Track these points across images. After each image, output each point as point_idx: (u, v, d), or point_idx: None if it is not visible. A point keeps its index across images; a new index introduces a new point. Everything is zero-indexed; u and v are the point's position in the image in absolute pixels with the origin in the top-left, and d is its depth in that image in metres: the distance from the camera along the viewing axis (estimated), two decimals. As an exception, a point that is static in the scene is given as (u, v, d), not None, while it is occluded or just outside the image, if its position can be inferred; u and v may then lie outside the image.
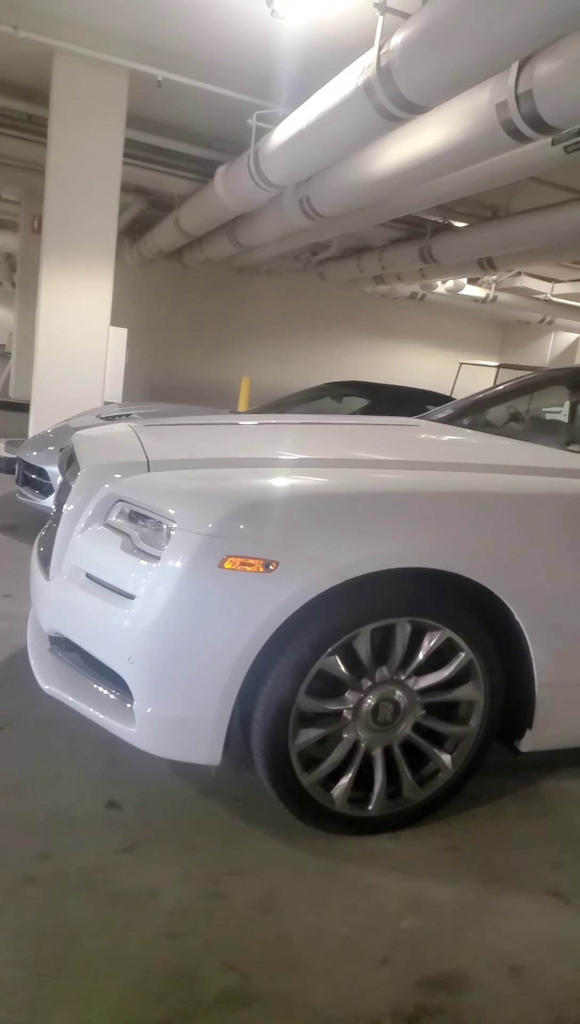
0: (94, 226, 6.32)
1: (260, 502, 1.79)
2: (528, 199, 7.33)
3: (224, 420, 3.12)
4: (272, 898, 1.74)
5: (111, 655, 1.88)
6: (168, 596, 1.76)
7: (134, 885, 1.73)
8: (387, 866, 1.89)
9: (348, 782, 1.93)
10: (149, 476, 2.04)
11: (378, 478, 1.94)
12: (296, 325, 13.93)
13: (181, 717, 1.82)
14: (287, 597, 1.76)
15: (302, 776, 1.88)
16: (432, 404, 5.24)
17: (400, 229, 8.41)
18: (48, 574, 2.13)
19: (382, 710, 1.94)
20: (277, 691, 1.81)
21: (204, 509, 1.79)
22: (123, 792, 2.07)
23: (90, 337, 6.46)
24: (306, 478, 1.91)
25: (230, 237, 8.67)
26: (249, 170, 5.69)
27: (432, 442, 2.51)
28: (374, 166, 4.96)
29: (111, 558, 1.95)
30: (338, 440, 2.48)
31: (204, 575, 1.75)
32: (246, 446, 2.32)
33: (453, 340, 14.87)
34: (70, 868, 1.77)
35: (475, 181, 5.20)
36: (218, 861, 1.84)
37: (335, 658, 1.86)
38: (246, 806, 2.06)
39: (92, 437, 2.43)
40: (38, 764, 2.17)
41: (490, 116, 3.75)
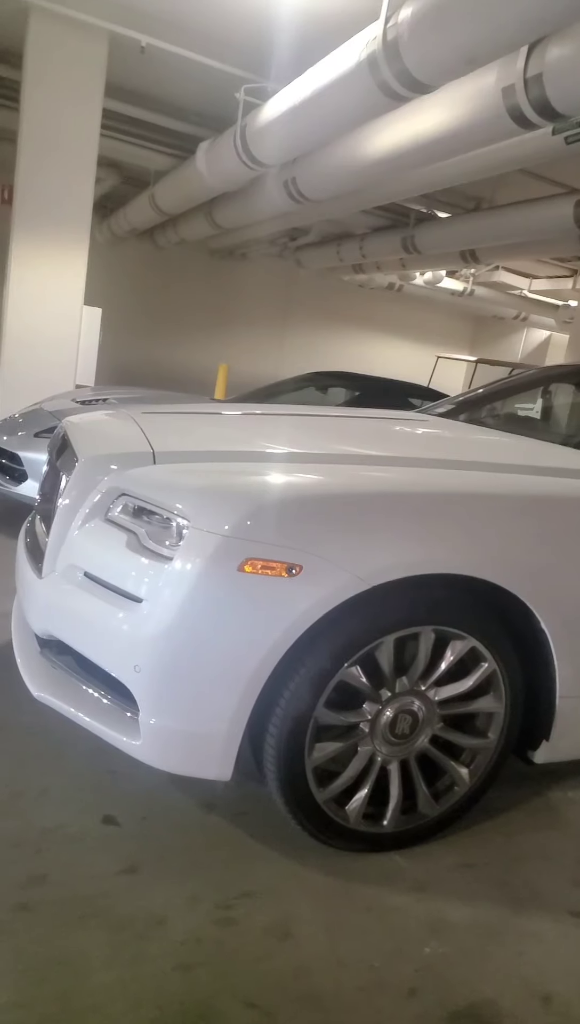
0: (68, 198, 6.03)
1: (283, 501, 1.66)
2: (513, 192, 7.26)
3: (218, 409, 2.98)
4: (287, 923, 1.63)
5: (114, 662, 1.74)
6: (181, 601, 1.63)
7: (139, 911, 1.61)
8: (403, 886, 1.80)
9: (364, 798, 1.83)
10: (156, 469, 1.90)
11: (406, 477, 1.83)
12: (269, 313, 13.69)
13: (191, 731, 1.69)
14: (311, 604, 1.64)
15: (317, 793, 1.77)
16: (418, 397, 5.17)
17: (383, 217, 8.26)
18: (40, 571, 1.97)
19: (400, 722, 1.84)
20: (295, 704, 1.69)
21: (223, 508, 1.65)
22: (120, 806, 1.94)
23: (62, 316, 6.19)
24: (330, 476, 1.79)
25: (208, 217, 8.41)
26: (235, 147, 5.48)
27: (452, 440, 2.41)
28: (367, 148, 4.81)
29: (114, 557, 1.80)
30: (351, 435, 2.36)
31: (221, 579, 1.62)
32: (255, 438, 2.19)
33: (425, 333, 14.82)
34: (69, 893, 1.63)
35: (468, 169, 5.09)
36: (227, 882, 1.73)
37: (356, 668, 1.75)
38: (251, 821, 1.95)
39: (88, 424, 2.27)
40: (27, 776, 2.02)
41: (495, 100, 3.64)
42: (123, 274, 12.19)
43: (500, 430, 2.58)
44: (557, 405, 3.11)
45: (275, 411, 2.70)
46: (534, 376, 3.24)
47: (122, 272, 12.16)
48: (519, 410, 3.08)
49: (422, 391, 5.35)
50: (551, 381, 3.23)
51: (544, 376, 3.26)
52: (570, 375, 3.16)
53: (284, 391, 5.39)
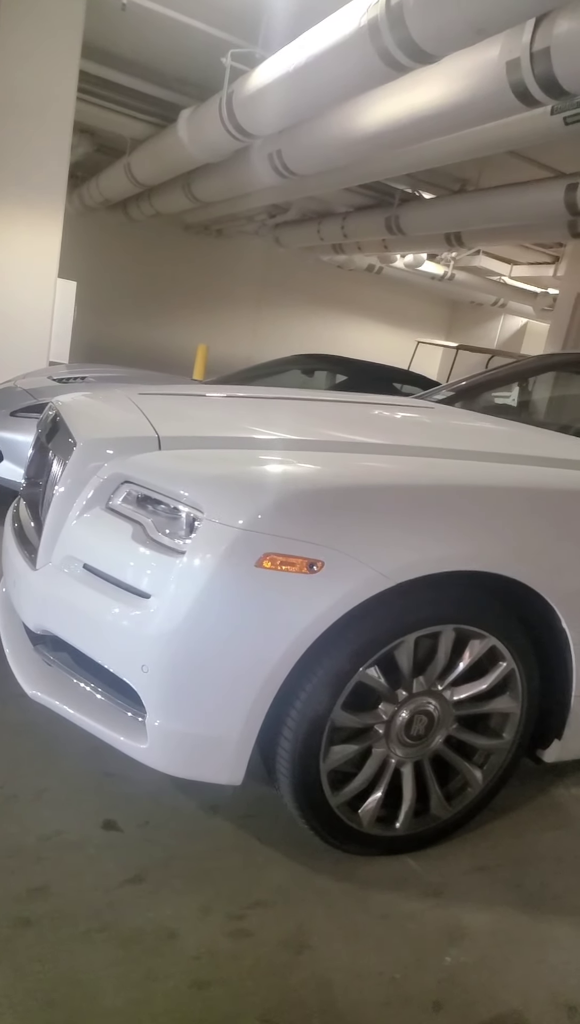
0: (42, 164, 5.77)
1: (304, 493, 1.56)
2: (499, 174, 7.17)
3: (203, 391, 2.84)
4: (303, 934, 1.56)
5: (119, 662, 1.63)
6: (193, 597, 1.53)
7: (148, 924, 1.52)
8: (417, 891, 1.74)
9: (378, 801, 1.77)
10: (162, 455, 1.78)
11: (431, 469, 1.74)
12: (244, 292, 13.43)
13: (201, 734, 1.59)
14: (332, 602, 1.55)
15: (331, 797, 1.70)
16: (404, 383, 5.09)
17: (366, 196, 8.09)
18: (34, 562, 1.85)
19: (416, 723, 1.77)
20: (311, 706, 1.61)
21: (240, 499, 1.55)
22: (120, 810, 1.85)
23: (35, 289, 5.94)
24: (350, 466, 1.69)
25: (185, 190, 8.16)
26: (220, 115, 5.27)
27: (468, 429, 2.32)
28: (359, 121, 4.66)
29: (117, 549, 1.69)
30: (361, 422, 2.26)
31: (237, 575, 1.52)
32: (264, 424, 2.08)
33: (402, 318, 14.70)
34: (72, 906, 1.54)
35: (461, 148, 4.98)
36: (238, 891, 1.65)
37: (374, 669, 1.68)
38: (259, 824, 1.87)
39: (83, 405, 2.13)
40: (20, 778, 1.91)
41: (498, 75, 3.53)
42: (93, 247, 11.82)
43: (511, 420, 2.50)
44: (570, 395, 3.05)
45: (275, 395, 2.59)
46: (536, 364, 3.18)
47: (92, 245, 11.78)
48: (527, 399, 3.01)
49: (408, 376, 5.27)
50: (553, 369, 3.17)
51: (546, 364, 3.20)
52: (575, 363, 3.10)
53: (268, 373, 5.25)
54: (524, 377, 3.35)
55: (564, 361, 3.23)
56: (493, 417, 2.54)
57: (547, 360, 3.37)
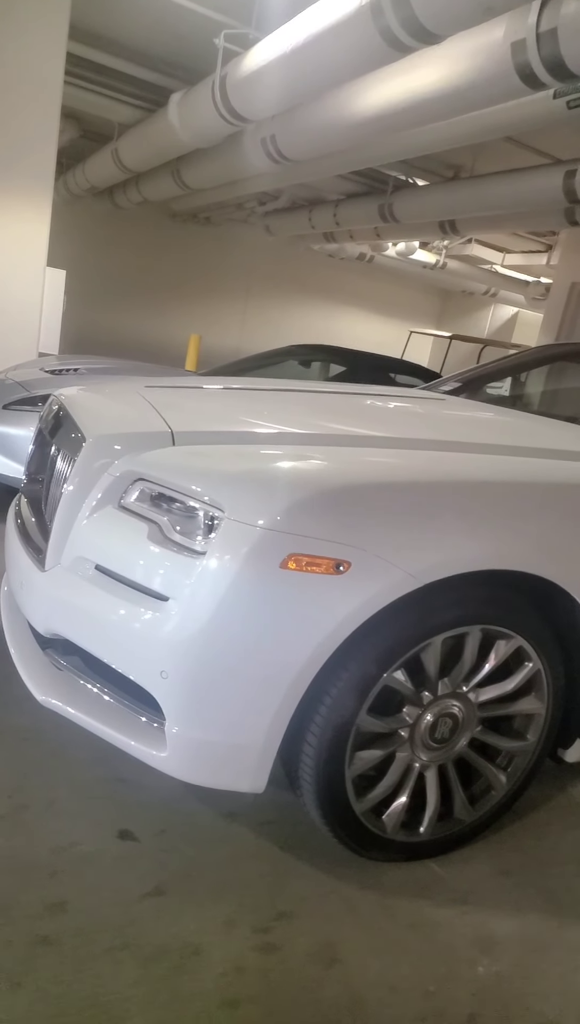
0: (30, 149, 5.64)
1: (331, 490, 1.50)
2: (493, 160, 7.08)
3: (200, 383, 2.76)
4: (332, 947, 1.51)
5: (137, 667, 1.57)
6: (216, 600, 1.46)
7: (172, 940, 1.47)
8: (444, 898, 1.70)
9: (402, 806, 1.72)
10: (176, 451, 1.71)
11: (458, 464, 1.68)
12: (232, 282, 13.25)
13: (223, 742, 1.54)
14: (359, 604, 1.49)
15: (355, 804, 1.65)
16: (402, 373, 5.02)
17: (358, 183, 7.96)
18: (43, 563, 1.78)
19: (440, 726, 1.72)
20: (337, 711, 1.56)
21: (263, 497, 1.48)
22: (135, 819, 1.79)
23: (24, 278, 5.81)
24: (375, 461, 1.63)
25: (175, 176, 8.01)
26: (213, 99, 5.14)
27: (489, 422, 2.26)
28: (357, 105, 4.56)
29: (131, 549, 1.62)
30: (378, 415, 2.20)
31: (261, 576, 1.46)
32: (279, 418, 2.01)
33: (393, 307, 14.58)
34: (92, 922, 1.48)
35: (460, 133, 4.88)
36: (262, 902, 1.60)
37: (401, 672, 1.62)
38: (278, 831, 1.82)
39: (90, 399, 2.05)
40: (29, 787, 1.84)
41: (503, 56, 3.44)
42: (78, 235, 11.63)
43: (528, 412, 2.44)
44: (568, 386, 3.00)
45: (284, 387, 2.52)
46: (543, 354, 3.12)
47: (77, 233, 11.59)
48: (539, 391, 2.96)
49: (407, 366, 5.21)
50: (561, 359, 3.12)
51: (553, 354, 3.14)
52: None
53: (264, 364, 5.17)
54: (531, 367, 3.30)
55: (573, 352, 3.17)
56: (507, 409, 2.48)
57: (554, 350, 3.32)
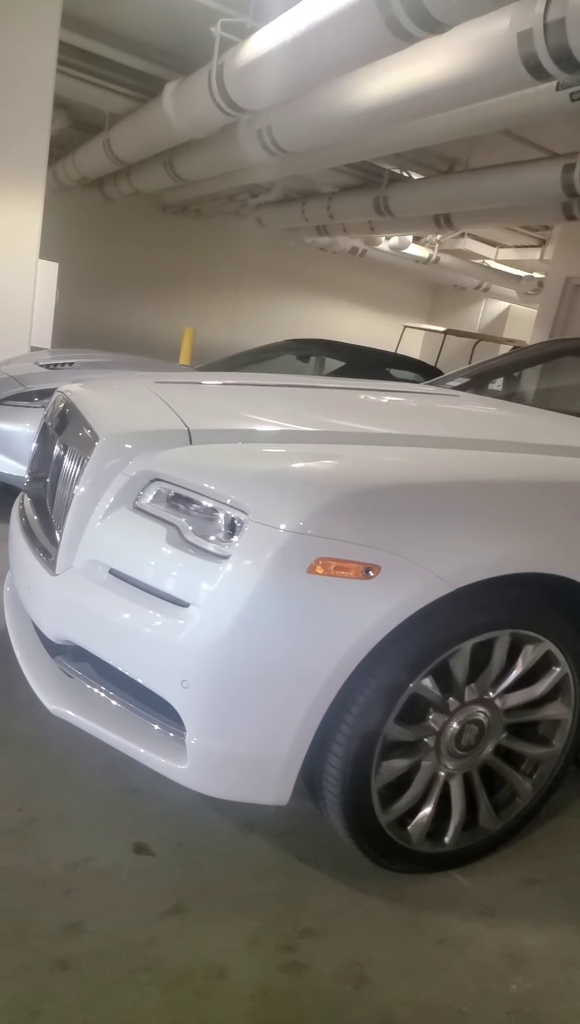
0: (22, 138, 5.51)
1: (361, 491, 1.44)
2: (489, 153, 7.03)
3: (199, 379, 2.68)
4: (360, 965, 1.46)
5: (155, 676, 1.50)
6: (240, 607, 1.40)
7: (195, 961, 1.41)
8: (471, 911, 1.65)
9: (428, 816, 1.66)
10: (195, 450, 1.64)
11: (487, 463, 1.62)
12: (223, 275, 13.13)
13: (247, 753, 1.47)
14: (389, 609, 1.44)
15: (381, 815, 1.59)
16: (405, 369, 4.97)
17: (353, 176, 7.88)
18: (53, 567, 1.71)
19: (466, 733, 1.67)
20: (364, 720, 1.50)
21: (290, 499, 1.42)
22: (150, 831, 1.72)
23: (15, 270, 5.70)
24: (403, 461, 1.57)
25: (167, 168, 7.89)
26: (209, 89, 5.05)
27: (509, 420, 2.21)
28: (357, 96, 4.49)
29: (148, 553, 1.56)
30: (397, 412, 2.13)
31: (288, 581, 1.40)
32: (296, 415, 1.95)
33: (384, 302, 14.51)
34: (111, 943, 1.41)
35: (460, 125, 4.82)
36: (285, 918, 1.54)
37: (429, 679, 1.57)
38: (296, 842, 1.76)
39: (100, 395, 1.98)
40: (38, 799, 1.77)
41: (509, 47, 3.38)
42: (67, 227, 11.45)
43: (549, 409, 2.39)
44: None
45: (297, 383, 2.45)
46: (552, 349, 3.08)
47: (66, 225, 11.41)
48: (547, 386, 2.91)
49: (406, 361, 5.15)
50: (570, 354, 3.07)
51: (567, 349, 3.09)
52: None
53: (261, 359, 5.10)
54: (538, 363, 3.25)
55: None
56: (523, 406, 2.43)
57: (563, 345, 3.27)
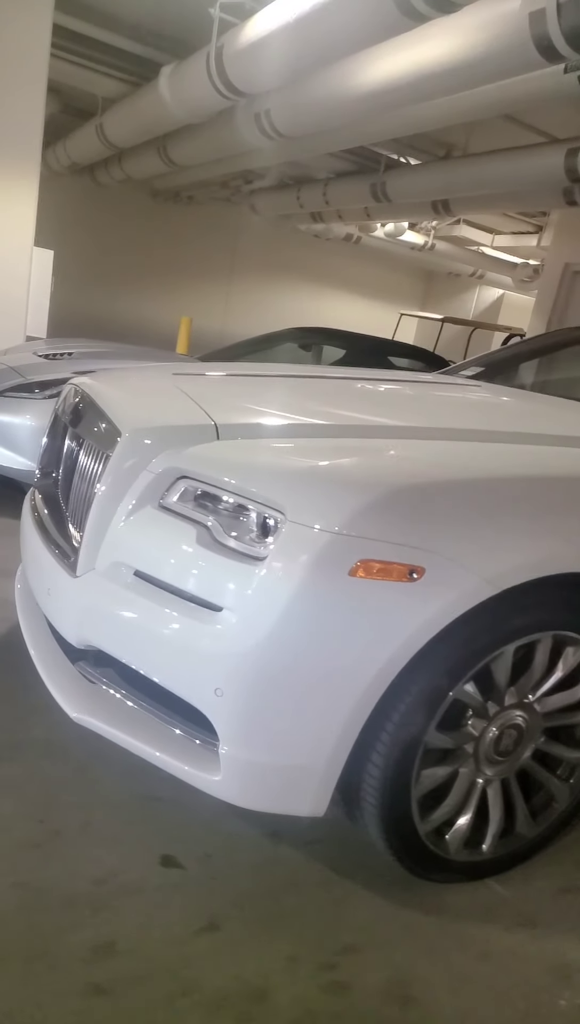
0: (16, 122, 5.37)
1: (404, 489, 1.37)
2: (488, 138, 6.93)
3: (202, 370, 2.59)
4: (404, 983, 1.40)
5: (186, 684, 1.44)
6: (278, 611, 1.33)
7: (233, 983, 1.35)
8: (511, 921, 1.59)
9: (466, 825, 1.61)
10: (224, 446, 1.57)
11: (531, 458, 1.56)
12: (215, 263, 12.96)
13: (283, 764, 1.41)
14: (433, 614, 1.37)
15: (420, 825, 1.53)
16: (409, 357, 4.90)
17: (349, 161, 7.76)
18: (74, 569, 1.63)
19: (505, 738, 1.61)
20: (405, 728, 1.44)
21: (330, 498, 1.35)
22: (176, 842, 1.66)
23: (10, 258, 5.57)
24: (447, 456, 1.50)
25: (161, 153, 7.74)
26: (208, 71, 4.92)
27: (538, 411, 2.14)
28: (360, 79, 4.38)
29: (176, 554, 1.48)
30: (423, 403, 2.06)
31: (328, 585, 1.33)
32: (321, 409, 1.87)
33: (377, 289, 14.39)
34: (146, 965, 1.35)
35: (463, 109, 4.71)
36: (323, 934, 1.48)
37: (471, 683, 1.51)
38: (327, 851, 1.70)
39: (118, 388, 1.89)
40: (59, 809, 1.70)
41: (520, 28, 3.30)
42: (57, 213, 11.25)
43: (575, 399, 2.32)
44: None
45: (314, 374, 2.37)
46: (566, 337, 3.01)
47: (56, 211, 11.21)
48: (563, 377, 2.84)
49: (411, 350, 5.08)
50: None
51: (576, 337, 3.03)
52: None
53: (263, 348, 5.01)
54: (553, 351, 3.19)
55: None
56: (552, 397, 2.36)
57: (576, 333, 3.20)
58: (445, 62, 3.86)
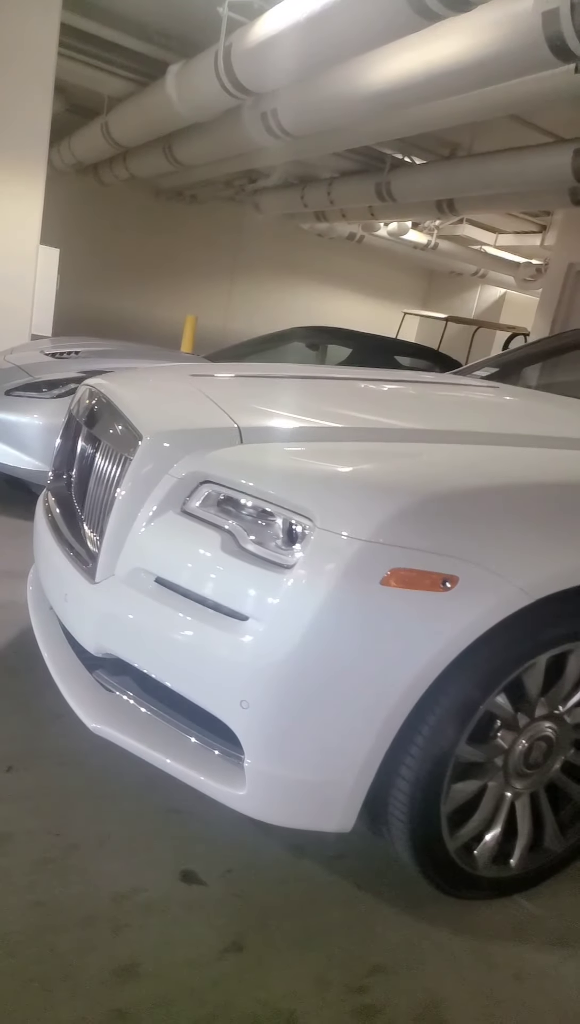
0: (23, 121, 5.33)
1: (438, 496, 1.33)
2: (493, 138, 6.89)
3: (212, 371, 2.55)
4: (436, 1007, 1.36)
5: (211, 695, 1.39)
6: (307, 621, 1.29)
7: (263, 1007, 1.30)
8: (542, 940, 1.55)
9: (495, 840, 1.56)
10: (247, 450, 1.52)
11: (563, 463, 1.51)
12: (217, 261, 12.92)
13: (311, 779, 1.37)
14: (467, 624, 1.33)
15: (449, 841, 1.49)
16: (416, 357, 4.86)
17: (354, 160, 7.72)
18: (92, 575, 1.58)
19: (535, 750, 1.57)
20: (436, 741, 1.39)
21: (362, 505, 1.31)
22: (196, 857, 1.61)
23: (16, 256, 5.53)
24: (479, 462, 1.46)
25: (166, 152, 7.70)
26: (216, 70, 4.88)
27: (564, 414, 2.09)
28: (369, 78, 4.34)
29: (199, 561, 1.44)
30: (448, 406, 2.02)
31: (360, 594, 1.29)
32: (346, 411, 1.82)
33: (377, 288, 14.34)
34: (171, 988, 1.30)
35: (470, 108, 4.67)
36: (351, 954, 1.43)
37: (502, 695, 1.46)
38: (350, 866, 1.66)
39: (136, 390, 1.84)
40: (75, 822, 1.66)
41: (533, 27, 3.26)
42: (61, 212, 11.21)
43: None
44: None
45: (331, 375, 2.33)
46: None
47: (60, 210, 11.16)
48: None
49: (418, 349, 5.04)
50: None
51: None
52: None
53: (269, 347, 4.96)
54: (566, 352, 3.15)
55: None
56: (568, 398, 2.31)
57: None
58: (456, 61, 3.81)
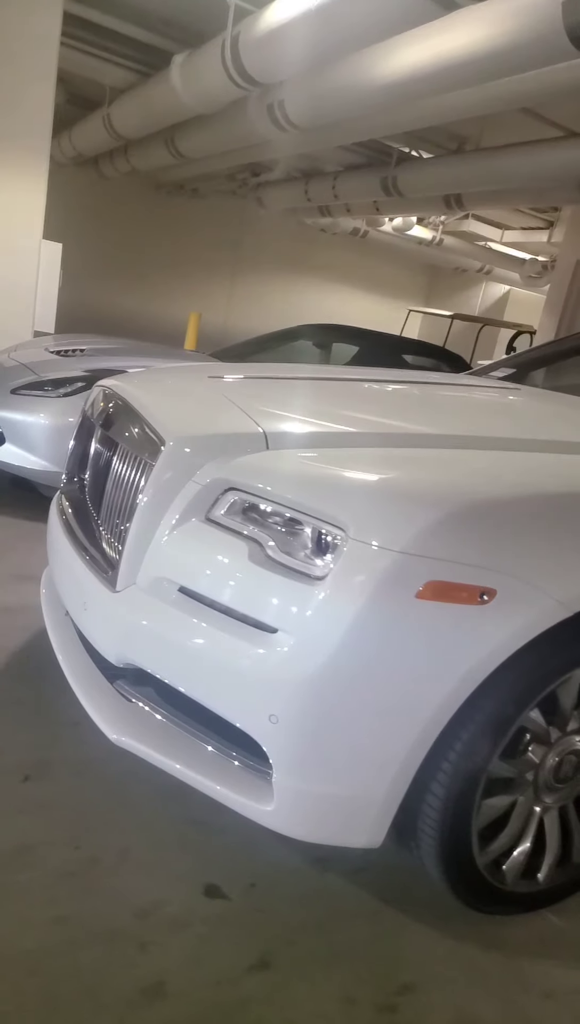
0: (25, 113, 5.26)
1: (476, 506, 1.29)
2: (502, 132, 6.83)
3: (220, 373, 2.51)
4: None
5: (238, 709, 1.36)
6: (340, 634, 1.25)
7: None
8: (571, 955, 1.52)
9: (524, 855, 1.54)
10: (274, 456, 1.48)
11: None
12: (218, 256, 12.83)
13: (341, 795, 1.34)
14: (504, 638, 1.29)
15: (479, 857, 1.46)
16: (424, 355, 4.81)
17: (359, 154, 7.65)
18: (114, 583, 1.55)
19: (565, 764, 1.54)
20: (469, 758, 1.36)
21: (397, 515, 1.27)
22: (219, 870, 1.58)
23: (18, 252, 5.46)
24: (514, 468, 1.42)
25: (169, 145, 7.61)
26: (223, 60, 4.81)
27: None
28: (380, 69, 4.27)
29: (225, 570, 1.40)
30: (473, 409, 1.98)
31: (394, 607, 1.25)
32: (370, 414, 1.78)
33: (380, 284, 14.25)
34: (200, 1008, 1.27)
35: (482, 100, 4.59)
36: (379, 971, 1.41)
37: (536, 710, 1.43)
38: (375, 880, 1.63)
39: (156, 392, 1.80)
40: (95, 834, 1.62)
41: (552, 17, 3.20)
42: (61, 205, 11.09)
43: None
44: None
45: (350, 376, 2.28)
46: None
47: (60, 203, 11.05)
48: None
49: (426, 348, 4.99)
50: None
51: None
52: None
53: (277, 345, 4.91)
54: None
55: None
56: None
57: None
58: (470, 52, 3.75)
